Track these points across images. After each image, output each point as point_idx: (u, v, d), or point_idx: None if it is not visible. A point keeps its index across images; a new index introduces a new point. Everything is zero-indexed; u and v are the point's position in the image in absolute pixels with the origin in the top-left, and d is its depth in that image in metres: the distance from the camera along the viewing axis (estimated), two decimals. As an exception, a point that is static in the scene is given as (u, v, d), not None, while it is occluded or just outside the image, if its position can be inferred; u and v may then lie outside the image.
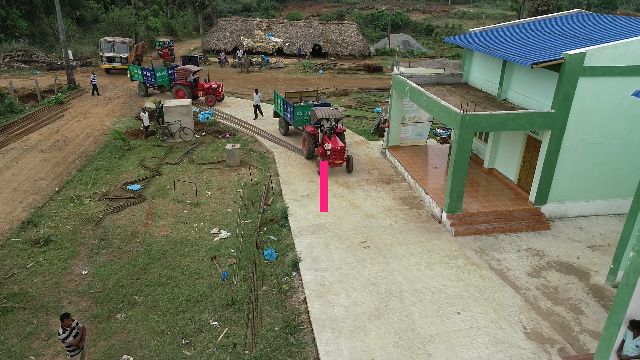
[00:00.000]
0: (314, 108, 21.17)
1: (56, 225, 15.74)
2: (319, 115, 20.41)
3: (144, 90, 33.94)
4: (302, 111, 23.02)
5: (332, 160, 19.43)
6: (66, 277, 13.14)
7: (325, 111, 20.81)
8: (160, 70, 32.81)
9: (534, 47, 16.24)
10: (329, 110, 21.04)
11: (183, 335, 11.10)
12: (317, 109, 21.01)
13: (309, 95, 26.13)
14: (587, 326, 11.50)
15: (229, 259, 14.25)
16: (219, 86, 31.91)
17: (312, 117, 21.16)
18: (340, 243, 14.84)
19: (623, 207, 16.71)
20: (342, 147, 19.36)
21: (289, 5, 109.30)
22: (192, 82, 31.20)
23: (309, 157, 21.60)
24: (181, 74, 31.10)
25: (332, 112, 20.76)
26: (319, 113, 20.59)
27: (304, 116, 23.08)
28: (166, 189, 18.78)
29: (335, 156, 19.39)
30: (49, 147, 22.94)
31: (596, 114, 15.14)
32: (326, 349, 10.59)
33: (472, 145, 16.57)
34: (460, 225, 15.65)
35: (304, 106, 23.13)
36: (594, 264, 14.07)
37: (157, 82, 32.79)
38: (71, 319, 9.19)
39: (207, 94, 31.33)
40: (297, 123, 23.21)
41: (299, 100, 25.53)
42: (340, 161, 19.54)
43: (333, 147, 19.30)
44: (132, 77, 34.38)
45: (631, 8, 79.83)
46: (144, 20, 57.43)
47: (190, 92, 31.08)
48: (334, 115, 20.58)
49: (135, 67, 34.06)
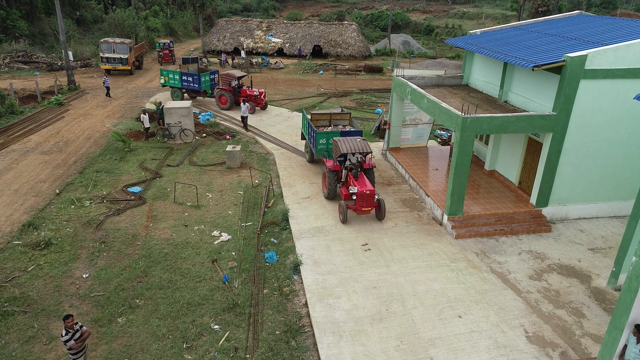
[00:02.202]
0: (337, 139, 17.44)
1: (57, 228, 15.73)
2: (343, 149, 16.61)
3: (179, 97, 31.78)
4: (326, 138, 19.48)
5: (359, 207, 15.71)
6: (67, 280, 13.12)
7: (350, 143, 16.99)
8: (204, 75, 31.19)
9: (535, 49, 16.23)
10: (356, 142, 17.15)
11: (184, 339, 11.09)
12: (341, 140, 17.24)
13: (341, 118, 22.11)
14: (589, 330, 11.49)
15: (229, 261, 14.24)
16: (261, 93, 29.99)
17: (335, 149, 17.33)
18: (341, 246, 14.82)
19: (624, 209, 16.69)
20: (372, 191, 15.60)
21: (289, 5, 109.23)
22: (235, 87, 29.81)
23: (329, 197, 17.79)
24: (225, 79, 29.80)
25: (359, 145, 16.92)
26: (343, 146, 16.78)
27: (328, 145, 19.52)
28: (167, 191, 18.77)
29: (362, 202, 15.62)
30: (49, 149, 22.93)
31: (597, 116, 15.12)
32: (327, 353, 10.58)
33: (473, 147, 16.55)
34: (461, 227, 15.63)
35: (329, 133, 19.54)
36: (595, 267, 14.06)
37: (202, 87, 30.94)
38: (73, 320, 9.15)
39: (249, 101, 29.64)
40: (318, 152, 19.68)
41: (328, 123, 21.89)
42: (369, 208, 15.84)
43: (360, 190, 15.54)
44: (165, 82, 31.86)
45: (631, 8, 79.77)
46: (144, 21, 57.40)
47: (232, 98, 29.83)
48: (361, 149, 16.73)
49: (171, 71, 31.70)
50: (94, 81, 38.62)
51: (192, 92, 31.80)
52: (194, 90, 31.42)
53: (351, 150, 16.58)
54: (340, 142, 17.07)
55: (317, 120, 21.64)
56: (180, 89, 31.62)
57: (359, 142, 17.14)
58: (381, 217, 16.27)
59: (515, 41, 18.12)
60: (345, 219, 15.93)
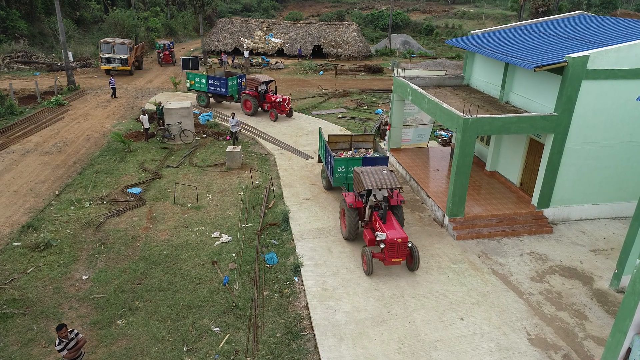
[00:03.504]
0: (359, 170, 14.36)
1: (56, 229, 15.66)
2: (367, 184, 13.59)
3: (205, 101, 30.79)
4: (345, 166, 16.51)
5: (388, 257, 12.85)
6: (66, 282, 13.06)
7: (376, 176, 13.91)
8: (232, 79, 29.83)
9: (536, 49, 16.17)
10: (383, 174, 13.99)
11: (184, 342, 11.03)
12: (364, 172, 14.13)
13: (363, 140, 19.01)
14: (592, 332, 11.43)
15: (230, 263, 14.17)
16: (284, 100, 28.22)
17: (356, 182, 14.54)
18: (342, 247, 14.75)
19: (626, 210, 16.64)
20: (404, 239, 12.69)
21: (289, 5, 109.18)
22: (261, 93, 28.49)
23: (349, 238, 14.90)
24: (251, 83, 28.63)
25: (387, 179, 13.83)
26: (367, 180, 13.73)
27: (347, 173, 16.55)
28: (167, 192, 18.70)
29: (392, 252, 12.79)
30: (48, 150, 22.86)
31: (599, 117, 15.06)
32: (328, 355, 10.51)
33: (474, 148, 16.48)
34: (462, 229, 15.57)
35: (349, 160, 16.52)
36: (598, 269, 13.99)
37: (228, 92, 29.64)
38: (67, 329, 8.97)
39: (272, 107, 28.30)
40: (336, 182, 16.77)
41: (348, 146, 18.90)
42: (400, 259, 12.98)
43: (390, 239, 12.62)
44: (191, 86, 30.74)
45: (631, 8, 79.70)
46: (144, 21, 57.32)
47: (257, 103, 28.59)
48: (389, 183, 13.69)
49: (197, 75, 30.44)
50: (93, 81, 38.57)
51: (219, 96, 30.83)
52: (220, 94, 30.35)
53: (377, 186, 13.57)
54: (363, 174, 14.02)
55: (336, 143, 18.73)
56: (206, 93, 30.60)
57: (385, 174, 14.02)
58: (414, 267, 13.34)
59: (516, 42, 18.06)
60: (370, 270, 13.12)
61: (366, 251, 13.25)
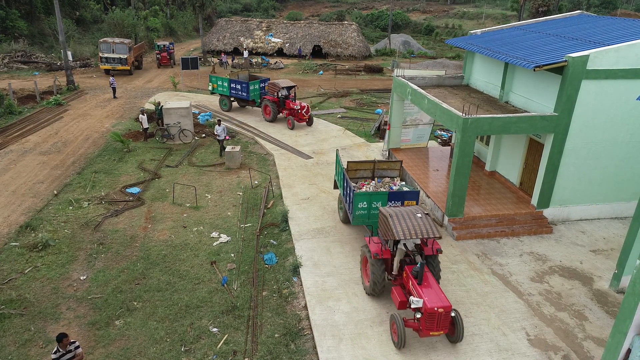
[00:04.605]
0: (386, 212, 11.37)
1: (54, 230, 15.62)
2: (399, 233, 10.71)
3: (228, 105, 29.68)
4: (367, 201, 13.68)
5: (425, 329, 10.27)
6: (64, 282, 13.01)
7: (409, 222, 10.98)
8: (254, 83, 28.31)
9: (536, 49, 16.12)
10: (417, 219, 11.11)
11: (182, 342, 10.98)
12: (393, 215, 11.18)
13: (388, 167, 15.85)
14: (591, 333, 11.38)
15: (228, 263, 14.13)
16: (302, 108, 26.31)
17: (382, 226, 11.60)
18: (341, 247, 14.70)
19: (626, 210, 16.59)
20: (447, 308, 10.13)
21: (289, 5, 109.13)
22: (281, 98, 26.99)
23: (373, 294, 12.21)
24: (271, 88, 26.83)
25: (422, 226, 10.96)
26: (398, 226, 10.85)
27: (370, 211, 13.79)
28: (165, 192, 18.65)
29: (432, 324, 10.22)
30: (47, 150, 22.81)
31: (599, 117, 15.02)
32: (327, 356, 10.47)
33: (474, 148, 16.43)
34: (462, 229, 15.52)
35: (372, 195, 13.65)
36: (597, 269, 13.95)
37: (250, 96, 28.23)
38: (68, 340, 8.70)
39: (290, 114, 26.63)
40: (357, 220, 14.00)
41: (371, 175, 15.85)
42: (440, 332, 10.38)
43: (430, 309, 10.08)
44: (214, 89, 29.56)
45: (631, 8, 79.67)
46: (144, 21, 57.24)
47: (276, 110, 27.19)
48: (426, 233, 10.82)
49: (220, 78, 29.30)
50: (93, 81, 38.52)
51: (241, 101, 29.30)
52: (242, 99, 28.93)
53: (409, 235, 10.71)
54: (392, 219, 11.07)
55: (355, 171, 15.77)
56: (228, 97, 29.41)
57: (420, 219, 11.10)
58: (457, 339, 10.66)
59: (516, 41, 18.01)
60: (402, 343, 10.46)
61: (397, 319, 10.44)
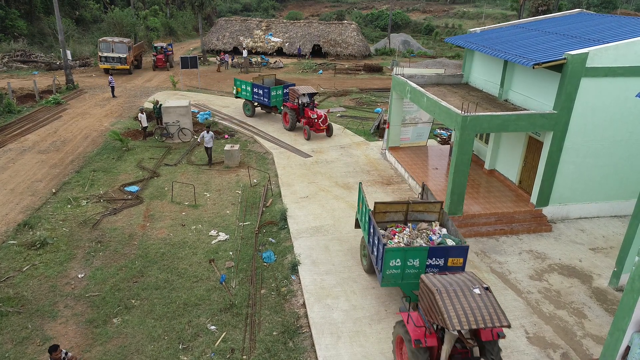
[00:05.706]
0: (430, 285, 8.68)
1: (53, 228, 15.58)
2: (454, 322, 7.86)
3: (251, 111, 28.48)
4: (401, 258, 10.89)
5: None
6: (62, 280, 12.98)
7: (464, 303, 8.18)
8: (276, 88, 26.96)
9: (535, 47, 16.09)
10: (476, 298, 8.30)
11: (180, 340, 10.95)
12: (442, 291, 8.40)
13: (425, 210, 12.81)
14: (590, 330, 11.35)
15: (227, 261, 14.09)
16: (319, 117, 24.25)
17: (427, 305, 8.76)
18: (340, 245, 14.67)
19: (625, 208, 16.55)
20: None
21: (288, 5, 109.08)
22: (300, 105, 25.20)
23: None
24: (291, 94, 25.44)
25: (484, 308, 8.13)
26: (451, 309, 8.06)
27: (404, 271, 11.01)
28: (164, 191, 18.62)
29: None
30: (46, 148, 22.78)
31: (598, 115, 14.99)
32: (325, 354, 10.44)
33: (473, 146, 16.41)
34: (461, 227, 15.47)
35: (407, 251, 10.91)
36: (597, 267, 13.91)
37: (271, 102, 26.97)
38: (60, 352, 8.78)
39: (307, 124, 24.67)
40: (387, 281, 11.13)
41: (403, 218, 12.83)
42: None
43: None
44: (237, 93, 28.65)
45: (631, 8, 79.66)
46: (143, 21, 57.23)
47: (295, 118, 25.47)
48: (490, 321, 7.96)
49: (243, 82, 28.15)
50: (92, 80, 38.49)
51: (265, 106, 27.97)
52: (265, 105, 27.66)
53: (469, 325, 7.83)
54: (441, 297, 8.26)
55: (384, 213, 12.64)
56: (251, 102, 28.22)
57: (479, 297, 8.32)
58: None
59: (515, 39, 17.97)
60: None
61: None
